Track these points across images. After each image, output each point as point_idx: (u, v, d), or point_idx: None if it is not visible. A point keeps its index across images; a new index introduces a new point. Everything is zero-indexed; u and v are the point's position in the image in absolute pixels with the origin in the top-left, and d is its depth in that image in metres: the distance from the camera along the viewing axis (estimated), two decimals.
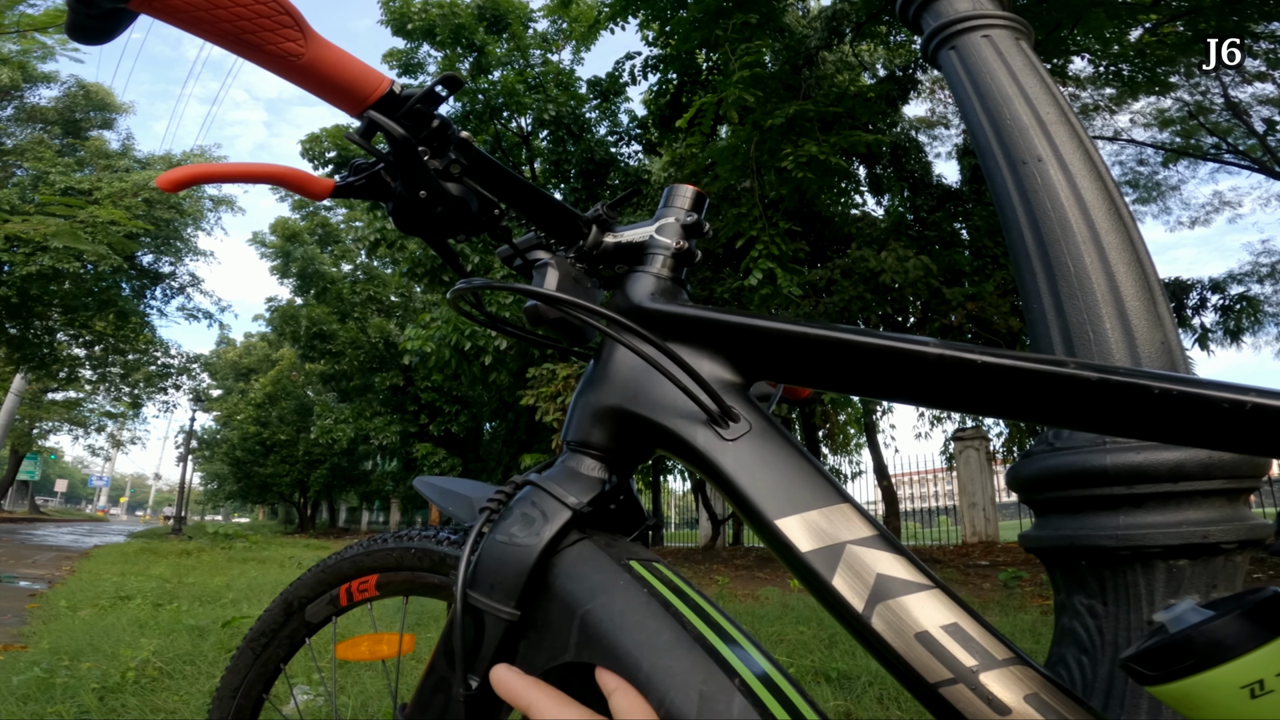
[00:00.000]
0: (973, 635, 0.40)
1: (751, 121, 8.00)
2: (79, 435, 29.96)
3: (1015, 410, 0.43)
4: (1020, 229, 0.95)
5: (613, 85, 12.66)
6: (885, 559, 0.43)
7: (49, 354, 19.33)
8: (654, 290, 0.58)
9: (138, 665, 2.55)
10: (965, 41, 1.12)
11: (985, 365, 0.42)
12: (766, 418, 0.50)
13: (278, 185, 0.55)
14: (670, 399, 0.52)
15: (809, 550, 0.44)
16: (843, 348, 0.48)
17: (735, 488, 0.48)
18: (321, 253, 19.35)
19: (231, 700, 0.86)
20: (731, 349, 0.53)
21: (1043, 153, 0.95)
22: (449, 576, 0.68)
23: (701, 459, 0.50)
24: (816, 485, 0.47)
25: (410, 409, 18.43)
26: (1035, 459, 0.86)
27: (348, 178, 0.58)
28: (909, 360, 0.45)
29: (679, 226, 0.61)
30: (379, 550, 0.75)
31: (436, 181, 0.55)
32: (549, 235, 0.63)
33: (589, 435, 0.56)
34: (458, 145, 0.56)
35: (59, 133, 18.92)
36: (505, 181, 0.59)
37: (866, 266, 8.86)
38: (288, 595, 0.84)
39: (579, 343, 0.64)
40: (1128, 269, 0.88)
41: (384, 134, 0.53)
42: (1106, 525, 0.80)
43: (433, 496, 0.74)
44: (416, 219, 0.57)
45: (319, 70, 0.50)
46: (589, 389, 0.57)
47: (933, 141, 15.06)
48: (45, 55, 14.57)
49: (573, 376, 9.68)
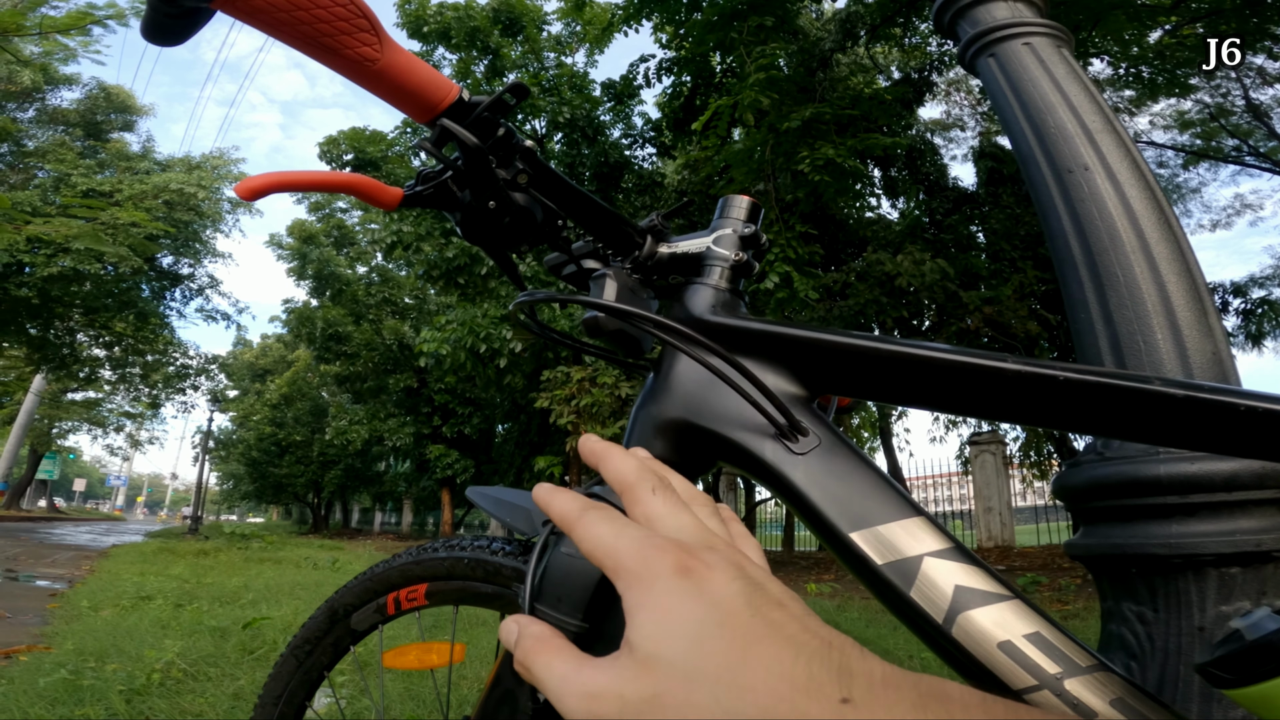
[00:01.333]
0: (1055, 643, 0.40)
1: (767, 124, 8.00)
2: (98, 435, 30.33)
3: (1097, 426, 0.43)
4: (1066, 238, 0.94)
5: (627, 88, 12.68)
6: (963, 571, 0.43)
7: (69, 354, 19.59)
8: (714, 303, 0.58)
9: (162, 667, 2.55)
10: (1005, 49, 1.11)
11: (1068, 381, 0.42)
12: (834, 431, 0.50)
13: (349, 194, 0.55)
14: (736, 412, 0.52)
15: (885, 563, 0.44)
16: (918, 364, 0.47)
17: (806, 502, 0.48)
18: (337, 255, 19.50)
19: (274, 707, 0.86)
20: (796, 363, 0.53)
21: (1089, 161, 0.95)
22: (503, 586, 0.68)
23: (770, 473, 0.50)
24: (889, 499, 0.47)
25: (424, 411, 18.53)
26: (1084, 468, 0.86)
27: (415, 187, 0.58)
28: (987, 376, 0.45)
29: (737, 238, 0.60)
30: (429, 559, 0.75)
31: (506, 192, 0.55)
32: (605, 245, 0.63)
33: (651, 447, 0.55)
34: (522, 154, 0.56)
35: (80, 135, 19.17)
36: (564, 191, 0.59)
37: (882, 270, 8.83)
38: (333, 602, 0.84)
39: (635, 355, 0.63)
40: (1178, 279, 0.87)
41: (456, 143, 0.52)
42: (1159, 534, 0.80)
43: (488, 507, 0.74)
44: (484, 230, 0.57)
45: (392, 76, 0.50)
46: (650, 401, 0.57)
47: (948, 144, 15.00)
48: (67, 57, 14.75)
49: (586, 380, 9.70)
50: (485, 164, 0.53)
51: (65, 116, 19.30)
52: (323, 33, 0.46)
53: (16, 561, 7.50)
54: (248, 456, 26.14)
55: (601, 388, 9.45)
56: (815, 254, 8.68)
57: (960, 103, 15.41)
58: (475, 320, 10.31)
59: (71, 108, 19.53)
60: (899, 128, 11.37)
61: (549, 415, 10.37)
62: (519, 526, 0.65)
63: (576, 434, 9.59)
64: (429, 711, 2.27)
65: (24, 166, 18.03)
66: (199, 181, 17.26)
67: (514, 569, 0.67)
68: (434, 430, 18.30)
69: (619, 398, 9.45)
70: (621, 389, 9.40)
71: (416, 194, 0.57)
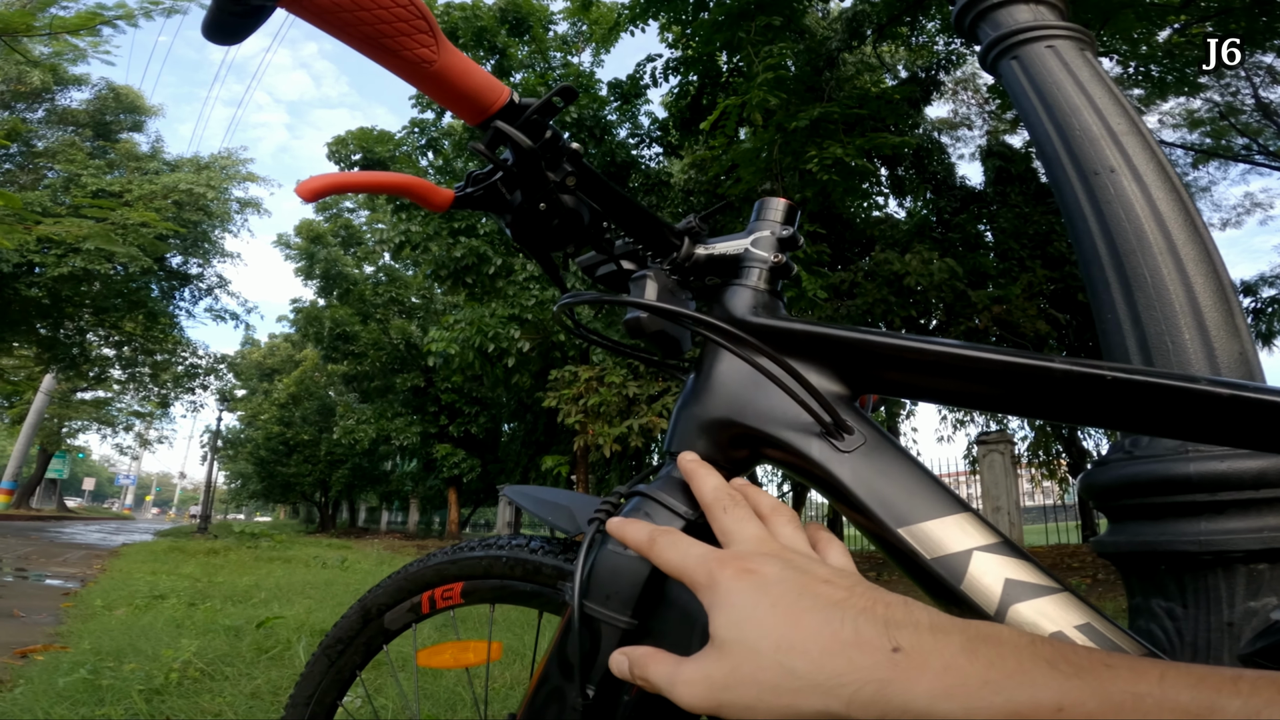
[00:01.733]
0: (1105, 633, 0.41)
1: (775, 124, 7.99)
2: (107, 434, 30.47)
3: (1144, 425, 0.44)
4: (1093, 239, 0.95)
5: (633, 87, 12.68)
6: (1012, 564, 0.44)
7: (80, 354, 19.69)
8: (754, 304, 0.58)
9: (180, 666, 2.54)
10: (1028, 52, 1.12)
11: (1115, 381, 0.43)
12: (878, 429, 0.51)
13: (402, 195, 0.56)
14: (780, 411, 0.53)
15: (935, 558, 0.45)
16: (964, 364, 0.48)
17: (854, 499, 0.48)
18: (345, 254, 19.56)
19: (305, 707, 0.86)
20: (838, 363, 0.53)
21: (1115, 163, 0.95)
22: (542, 585, 0.69)
23: (817, 471, 0.50)
24: (936, 495, 0.47)
25: (430, 410, 18.56)
26: (1112, 467, 0.87)
27: (465, 189, 0.58)
28: (1035, 376, 0.46)
29: (775, 240, 0.61)
30: (465, 558, 0.75)
31: (556, 193, 0.56)
32: (644, 247, 0.63)
33: (694, 446, 0.56)
34: (569, 157, 0.56)
35: (90, 135, 19.26)
36: (607, 193, 0.59)
37: (890, 269, 8.81)
38: (365, 602, 0.84)
39: (675, 355, 0.64)
40: (1205, 280, 0.88)
41: (509, 144, 0.53)
42: (1188, 531, 0.81)
43: (529, 506, 0.75)
44: (533, 231, 0.58)
45: (448, 78, 0.50)
46: (693, 401, 0.57)
47: (955, 143, 14.97)
48: (77, 58, 14.84)
49: (594, 379, 9.71)
50: (537, 166, 0.54)
51: (75, 117, 19.40)
52: (383, 33, 0.47)
53: (28, 560, 7.53)
54: (256, 455, 26.24)
55: (609, 387, 9.46)
56: (823, 253, 8.67)
57: (967, 102, 15.38)
58: (483, 319, 10.34)
59: (81, 108, 19.63)
60: (906, 127, 11.35)
61: (556, 414, 10.39)
62: (562, 525, 0.66)
63: (584, 433, 9.59)
64: (466, 710, 2.27)
65: (34, 167, 18.14)
66: (208, 181, 17.34)
67: (555, 568, 0.67)
68: (440, 430, 18.34)
69: (626, 397, 9.45)
70: (629, 388, 9.41)
71: (467, 195, 0.58)
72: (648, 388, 9.51)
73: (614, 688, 0.52)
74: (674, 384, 9.72)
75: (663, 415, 9.22)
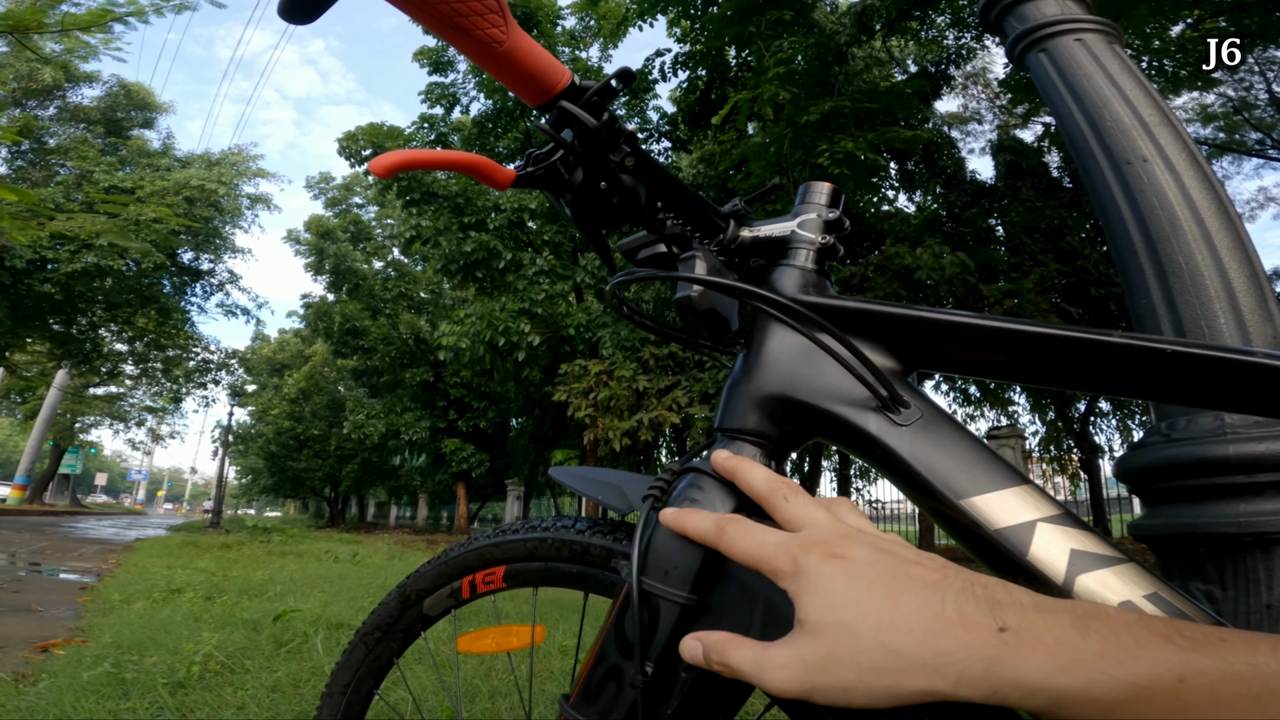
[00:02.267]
0: (1173, 603, 0.41)
1: (785, 118, 7.97)
2: (119, 429, 30.69)
3: (1204, 398, 0.44)
4: (1126, 227, 0.95)
5: (641, 83, 12.66)
6: (1076, 535, 0.44)
7: (92, 349, 19.83)
8: (802, 283, 0.59)
9: (201, 660, 2.54)
10: (1056, 45, 1.12)
11: (1176, 355, 0.43)
12: (934, 404, 0.51)
13: (466, 173, 0.57)
14: (835, 386, 0.53)
15: (998, 530, 0.45)
16: (1020, 339, 0.48)
17: (914, 472, 0.49)
18: (354, 250, 19.61)
19: (341, 697, 0.84)
20: (891, 339, 0.54)
21: (1147, 153, 0.96)
22: (589, 566, 0.69)
23: (874, 445, 0.51)
24: (996, 467, 0.48)
25: (439, 405, 18.61)
26: (1149, 450, 0.87)
27: (525, 168, 0.59)
28: (1093, 350, 0.46)
29: (821, 222, 0.62)
30: (509, 541, 0.74)
31: (616, 173, 0.57)
32: (691, 228, 0.64)
33: (745, 422, 0.57)
34: (626, 138, 0.57)
35: (101, 132, 19.38)
36: (658, 174, 0.60)
37: (901, 263, 8.79)
38: (405, 587, 0.82)
39: (721, 334, 0.65)
40: (1239, 266, 0.88)
41: (574, 124, 0.54)
42: (1228, 513, 0.81)
43: (577, 485, 0.75)
44: (593, 210, 0.59)
45: (515, 59, 0.51)
46: (744, 378, 0.58)
47: (965, 138, 14.89)
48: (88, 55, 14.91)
49: (604, 373, 9.72)
50: (600, 145, 0.55)
51: (86, 114, 19.51)
52: (457, 12, 0.48)
53: (43, 555, 7.60)
54: (266, 450, 26.39)
55: (619, 381, 9.47)
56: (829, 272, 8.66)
57: (978, 96, 15.30)
58: (493, 314, 10.36)
59: (92, 105, 19.75)
60: (916, 121, 11.30)
61: (565, 409, 10.40)
62: (613, 504, 0.66)
63: (593, 427, 9.60)
64: (493, 700, 2.28)
65: (46, 164, 18.26)
66: (219, 178, 17.42)
67: (604, 548, 0.67)
68: (449, 424, 18.39)
69: (636, 391, 9.46)
70: (639, 382, 9.41)
71: (528, 174, 0.59)
72: (657, 382, 9.51)
73: (672, 665, 0.52)
74: (683, 378, 9.72)
75: (672, 409, 9.22)
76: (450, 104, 13.83)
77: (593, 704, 0.56)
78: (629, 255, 0.68)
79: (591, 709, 0.56)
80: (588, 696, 0.57)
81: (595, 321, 10.64)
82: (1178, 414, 0.86)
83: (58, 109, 19.17)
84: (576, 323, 10.61)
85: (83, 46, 12.42)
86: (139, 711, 2.02)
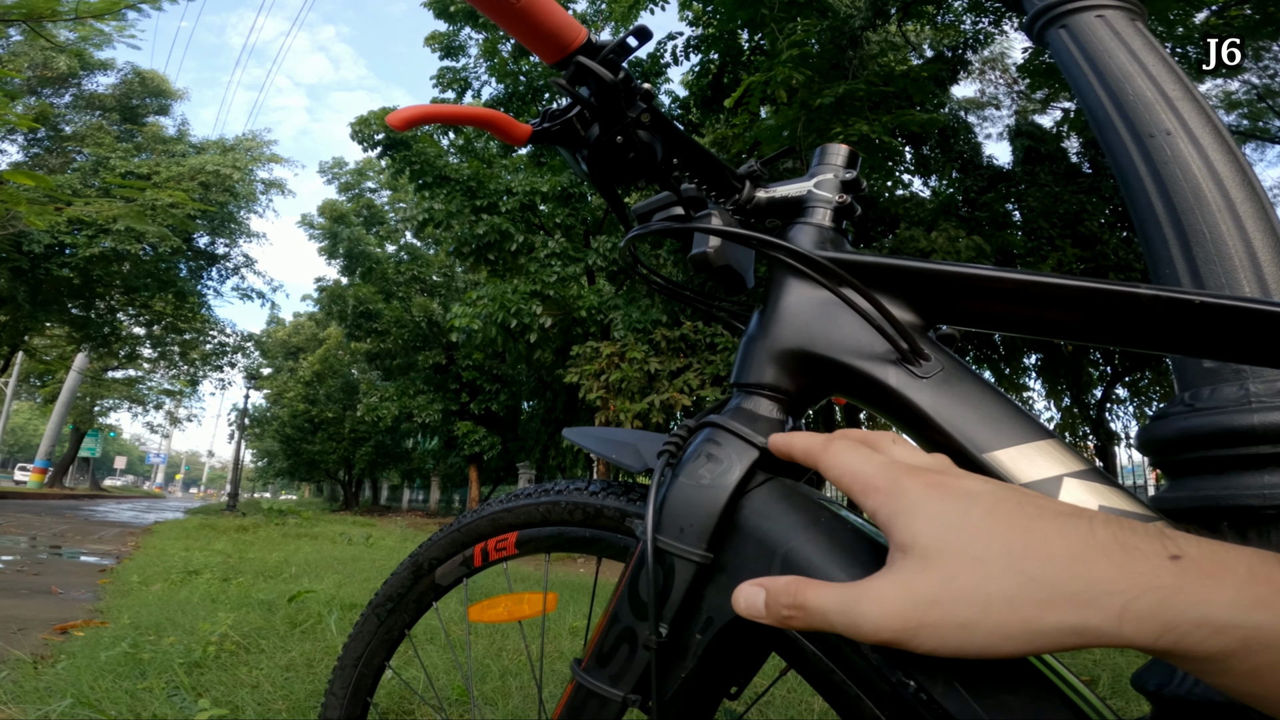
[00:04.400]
0: None
1: (799, 101, 7.90)
2: (138, 413, 31.08)
3: (1232, 351, 0.43)
4: (1149, 198, 0.94)
5: (653, 66, 12.58)
6: (1104, 490, 0.43)
7: (110, 333, 20.06)
8: (820, 240, 0.59)
9: (217, 640, 2.57)
10: (1077, 21, 1.11)
11: (1204, 305, 0.42)
12: (954, 357, 0.51)
13: (484, 128, 0.57)
14: (855, 339, 0.53)
15: (1026, 483, 0.44)
16: (1045, 292, 0.47)
17: (936, 425, 0.48)
18: (367, 233, 19.68)
19: (354, 669, 0.84)
20: (911, 293, 0.53)
21: (1170, 126, 0.94)
22: (602, 529, 0.68)
23: (894, 399, 0.50)
24: (1020, 420, 0.47)
25: (452, 387, 18.70)
26: (1172, 419, 0.86)
27: (542, 124, 0.59)
28: (1120, 302, 0.45)
29: (838, 181, 0.61)
30: (521, 505, 0.73)
31: (632, 129, 0.57)
32: (708, 188, 0.64)
33: (763, 376, 0.56)
34: (642, 96, 0.57)
35: (117, 119, 19.48)
36: (674, 133, 0.60)
37: (915, 246, 8.72)
38: (417, 557, 0.81)
39: (736, 291, 0.64)
40: (1263, 236, 0.87)
41: (591, 80, 0.54)
42: (1252, 485, 0.80)
43: (592, 446, 0.74)
44: (610, 166, 0.59)
45: (532, 15, 0.51)
46: (760, 332, 0.57)
47: (982, 123, 14.71)
48: (102, 42, 14.95)
49: (616, 355, 9.72)
50: (616, 101, 0.55)
51: (101, 101, 19.61)
52: None
53: (63, 538, 7.70)
54: (282, 433, 26.64)
55: (631, 363, 9.47)
56: (847, 230, 8.61)
57: (995, 81, 15.08)
58: (506, 296, 10.39)
59: (107, 92, 19.84)
60: (932, 106, 11.16)
61: (576, 392, 10.42)
62: (628, 463, 0.65)
63: (605, 409, 9.61)
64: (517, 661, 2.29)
65: (62, 150, 18.39)
66: (233, 163, 17.52)
67: (618, 509, 0.65)
68: (462, 407, 18.47)
69: (648, 373, 9.46)
70: (651, 364, 9.41)
71: (545, 130, 0.59)
72: (669, 364, 9.51)
73: (687, 626, 0.51)
74: (695, 360, 9.71)
75: (684, 391, 9.22)
76: (462, 88, 13.79)
77: (605, 666, 0.55)
78: (644, 219, 0.68)
79: (604, 671, 0.55)
80: (600, 659, 0.56)
81: (607, 304, 10.64)
82: (1201, 384, 0.85)
83: (73, 96, 19.27)
84: (588, 305, 10.62)
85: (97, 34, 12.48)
86: (155, 691, 2.03)
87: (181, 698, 2.02)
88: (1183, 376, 0.89)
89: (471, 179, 11.37)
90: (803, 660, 0.49)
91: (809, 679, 0.50)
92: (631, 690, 0.54)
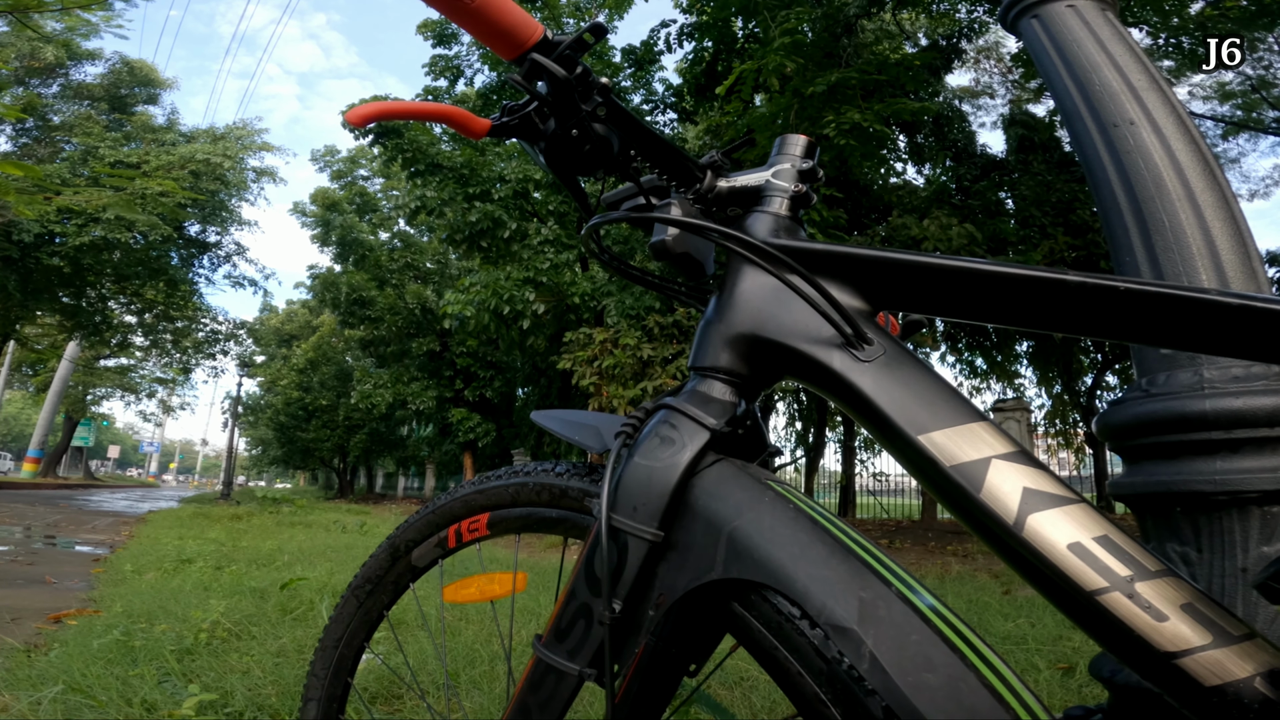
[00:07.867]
0: (1124, 547, 0.41)
1: (792, 89, 7.87)
2: (130, 401, 30.95)
3: (1155, 336, 0.45)
4: (1111, 187, 0.96)
5: (647, 54, 12.51)
6: (1030, 473, 0.44)
7: (102, 321, 19.97)
8: (775, 228, 0.61)
9: (209, 627, 2.59)
10: (1049, 11, 1.13)
11: (1129, 292, 0.44)
12: (896, 342, 0.53)
13: (443, 122, 0.59)
14: (803, 325, 0.55)
15: (954, 465, 0.45)
16: (980, 278, 0.49)
17: (874, 407, 0.50)
18: (360, 221, 19.58)
19: (334, 650, 0.86)
20: (858, 280, 0.55)
21: (1134, 116, 0.96)
22: (568, 510, 0.70)
23: (837, 381, 0.52)
24: (955, 403, 0.48)
25: (446, 374, 18.67)
26: (1128, 405, 0.88)
27: (501, 118, 0.61)
28: (1049, 289, 0.47)
29: (795, 171, 0.63)
30: (492, 488, 0.75)
31: (588, 122, 0.58)
32: (669, 178, 0.65)
33: (718, 360, 0.58)
34: (599, 89, 0.58)
35: (105, 108, 19.29)
36: (633, 125, 0.62)
37: (908, 234, 8.73)
38: (394, 539, 0.83)
39: (696, 278, 0.66)
40: (1223, 225, 0.89)
41: (546, 76, 0.56)
42: (1204, 470, 0.81)
43: (557, 428, 0.75)
44: (566, 158, 0.60)
45: (486, 14, 0.53)
46: (716, 317, 0.59)
47: (977, 111, 14.69)
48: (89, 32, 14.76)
49: (609, 341, 9.73)
50: (571, 95, 0.56)
51: (90, 91, 19.41)
52: None
53: (57, 528, 7.68)
54: (276, 421, 26.57)
55: (623, 349, 9.49)
56: (839, 218, 8.60)
57: (990, 70, 15.04)
58: (499, 282, 10.39)
59: (95, 82, 19.62)
60: (926, 94, 11.14)
61: (570, 378, 10.43)
62: (589, 444, 0.67)
63: (598, 395, 9.63)
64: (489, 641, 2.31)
65: (50, 140, 18.23)
66: (224, 151, 17.40)
67: (581, 489, 0.67)
68: (456, 394, 18.45)
69: (641, 359, 9.47)
70: (643, 351, 9.42)
71: (503, 124, 0.61)
72: (662, 350, 9.52)
73: (640, 602, 0.53)
74: (687, 346, 9.72)
75: (676, 377, 9.24)
76: (454, 76, 13.68)
77: (563, 642, 0.57)
78: (613, 207, 0.69)
79: (562, 646, 0.57)
80: (558, 635, 0.58)
81: (600, 290, 10.63)
82: (1158, 370, 0.86)
83: (61, 86, 19.06)
84: (581, 291, 10.61)
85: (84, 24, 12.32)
86: (146, 677, 2.04)
87: (172, 683, 2.02)
88: (1142, 362, 0.90)
89: (464, 166, 11.32)
90: (750, 638, 0.51)
91: (756, 656, 0.52)
92: (588, 664, 0.56)
